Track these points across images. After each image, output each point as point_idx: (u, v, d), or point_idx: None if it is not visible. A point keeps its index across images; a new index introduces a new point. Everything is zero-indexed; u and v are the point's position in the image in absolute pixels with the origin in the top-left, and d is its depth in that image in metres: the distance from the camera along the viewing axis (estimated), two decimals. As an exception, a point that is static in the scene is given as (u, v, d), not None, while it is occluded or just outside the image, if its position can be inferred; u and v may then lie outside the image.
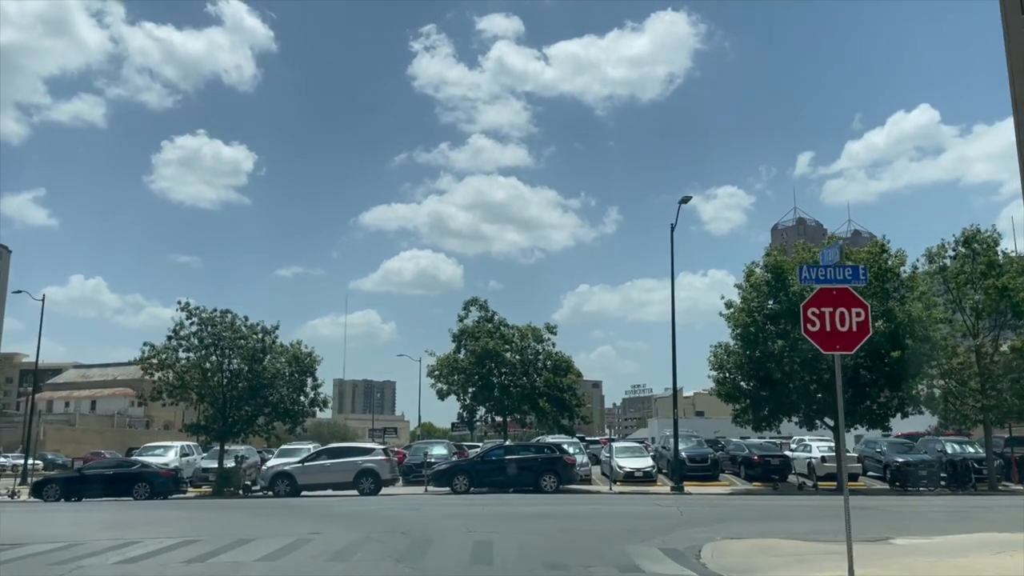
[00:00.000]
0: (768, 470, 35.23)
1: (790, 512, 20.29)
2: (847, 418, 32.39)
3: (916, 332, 30.52)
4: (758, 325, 31.81)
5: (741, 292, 33.08)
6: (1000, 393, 32.63)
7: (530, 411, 39.68)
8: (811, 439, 39.27)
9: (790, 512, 20.29)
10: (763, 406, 32.63)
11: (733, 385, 32.76)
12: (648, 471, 34.65)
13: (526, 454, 30.49)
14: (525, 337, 41.14)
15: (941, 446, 36.41)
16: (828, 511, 19.38)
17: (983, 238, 32.34)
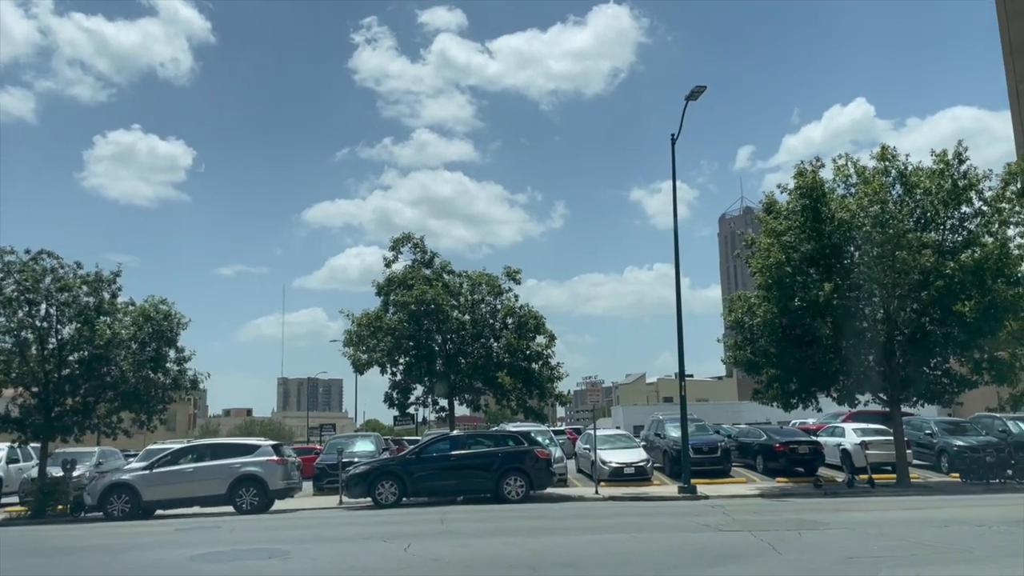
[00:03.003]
0: (794, 461, 27.08)
1: (947, 541, 11.68)
2: (907, 390, 24.30)
3: (1006, 271, 22.53)
4: (795, 265, 23.48)
5: (765, 225, 24.73)
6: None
7: (486, 389, 29.85)
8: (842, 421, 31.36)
9: (947, 541, 11.68)
10: (792, 377, 24.39)
11: (756, 350, 24.38)
12: (642, 466, 26.21)
13: (482, 447, 21.68)
14: (478, 288, 30.37)
15: (1003, 425, 28.74)
16: (982, 530, 10.99)
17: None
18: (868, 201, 23.04)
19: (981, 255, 21.93)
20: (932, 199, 23.10)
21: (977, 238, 22.63)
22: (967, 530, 11.79)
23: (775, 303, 23.29)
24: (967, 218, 23.02)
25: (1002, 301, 22.24)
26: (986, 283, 22.19)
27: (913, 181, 23.40)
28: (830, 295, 22.34)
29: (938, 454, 27.69)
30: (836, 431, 29.49)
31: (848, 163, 24.52)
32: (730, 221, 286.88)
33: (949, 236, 23.33)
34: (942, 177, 23.19)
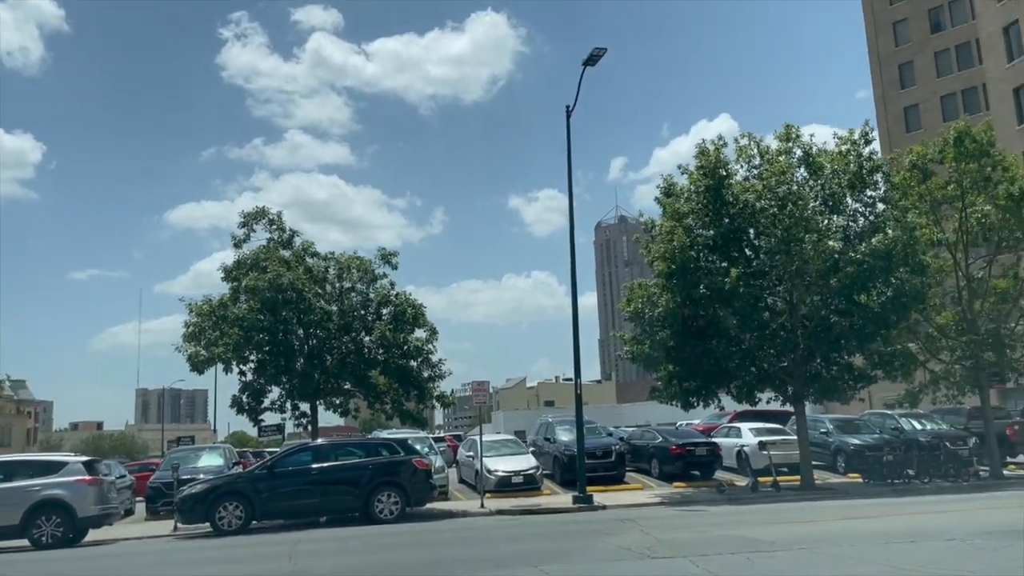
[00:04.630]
0: (691, 464, 25.17)
1: (932, 561, 9.42)
2: (811, 386, 22.83)
3: (910, 260, 21.40)
4: (699, 250, 21.57)
5: (666, 208, 22.71)
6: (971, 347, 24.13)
7: (356, 390, 25.74)
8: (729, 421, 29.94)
9: (932, 561, 9.42)
10: (693, 373, 22.47)
11: (655, 343, 22.28)
12: (531, 474, 23.60)
13: (349, 458, 18.39)
14: (347, 273, 25.88)
15: (895, 423, 28.00)
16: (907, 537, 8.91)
17: (979, 134, 23.76)
18: (775, 181, 21.41)
19: (889, 241, 20.64)
20: (839, 181, 21.72)
21: (884, 223, 21.39)
22: (942, 546, 9.75)
23: (678, 291, 21.26)
24: (874, 202, 21.75)
25: (909, 290, 21.10)
26: (893, 271, 20.98)
27: (818, 162, 21.98)
28: (736, 282, 20.50)
29: (834, 454, 26.52)
30: (732, 432, 27.94)
31: (751, 143, 22.88)
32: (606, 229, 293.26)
33: (856, 221, 22.01)
34: (847, 159, 21.87)
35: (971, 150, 23.44)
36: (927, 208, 23.52)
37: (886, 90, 62.49)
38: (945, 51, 61.02)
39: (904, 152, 24.29)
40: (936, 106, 59.86)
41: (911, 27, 62.91)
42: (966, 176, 23.61)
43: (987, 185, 23.36)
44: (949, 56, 60.73)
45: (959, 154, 23.56)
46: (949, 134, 23.98)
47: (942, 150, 23.97)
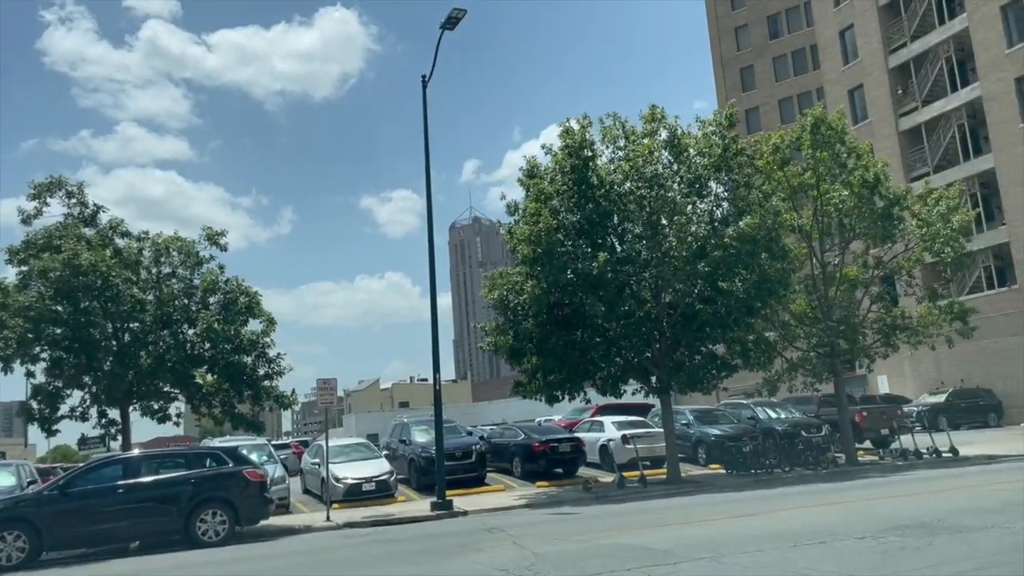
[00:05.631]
0: (554, 462, 23.88)
1: (856, 565, 8.20)
2: (676, 376, 22.01)
3: (772, 247, 21.03)
4: (566, 233, 20.23)
5: (529, 189, 21.22)
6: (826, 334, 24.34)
7: (178, 392, 22.22)
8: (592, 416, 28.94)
9: (856, 565, 8.20)
10: (559, 365, 21.12)
11: (519, 333, 20.74)
12: (384, 480, 21.42)
13: (166, 472, 15.53)
14: (166, 256, 22.19)
15: (751, 412, 28.00)
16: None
17: (834, 121, 23.86)
18: (642, 161, 20.40)
19: (756, 224, 20.11)
20: (704, 163, 21.01)
21: (749, 207, 20.87)
22: (858, 546, 8.62)
23: (544, 278, 19.80)
24: (738, 186, 21.19)
25: (774, 275, 20.68)
26: (757, 256, 20.49)
27: (684, 144, 21.20)
28: (604, 267, 19.28)
29: (695, 445, 26.05)
30: (595, 426, 26.90)
31: (616, 123, 21.80)
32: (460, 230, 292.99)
33: (721, 206, 21.38)
34: (711, 141, 21.21)
35: (827, 137, 23.50)
36: (786, 195, 23.36)
37: (729, 93, 64.60)
38: (783, 56, 63.83)
39: (764, 137, 24.08)
40: (775, 109, 62.46)
41: (752, 33, 65.41)
42: (821, 163, 23.66)
43: (842, 172, 23.49)
44: (786, 61, 63.58)
45: (815, 141, 23.57)
46: (806, 121, 23.97)
47: (799, 137, 23.93)
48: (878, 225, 23.25)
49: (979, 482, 15.07)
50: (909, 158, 40.90)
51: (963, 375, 37.45)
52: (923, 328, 24.37)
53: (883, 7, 43.10)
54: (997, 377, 36.69)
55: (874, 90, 43.12)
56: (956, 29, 38.77)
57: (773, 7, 64.80)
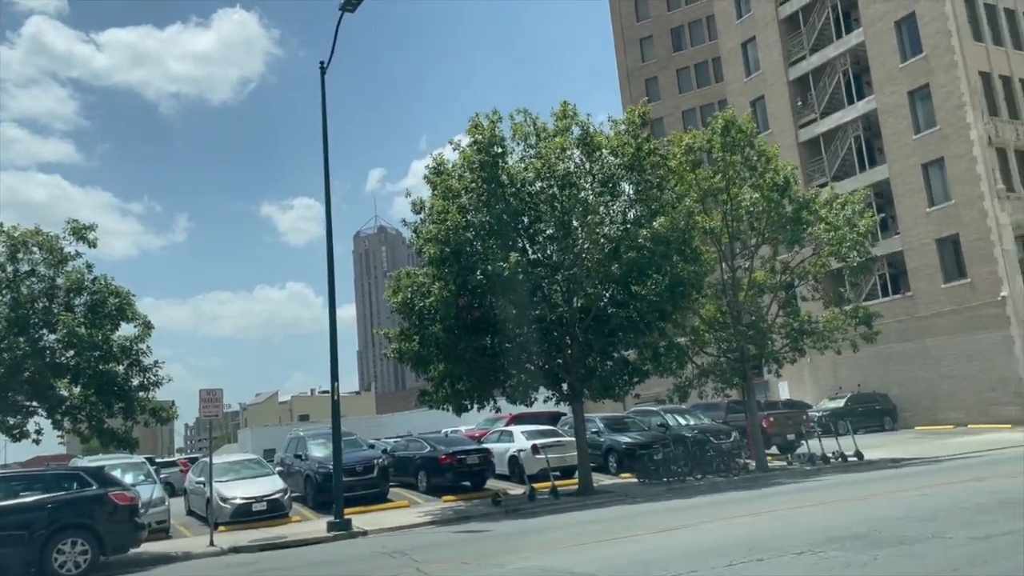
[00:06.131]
0: (462, 474, 22.74)
1: None
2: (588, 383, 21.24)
3: (685, 249, 20.56)
4: (476, 232, 19.19)
5: (436, 187, 20.09)
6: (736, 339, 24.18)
7: (36, 406, 19.68)
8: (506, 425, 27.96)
9: None
10: (467, 372, 20.03)
11: (426, 339, 19.50)
12: (276, 499, 19.79)
13: (18, 496, 13.53)
14: (23, 252, 19.61)
15: (660, 419, 27.60)
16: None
17: (744, 124, 23.71)
18: (554, 159, 19.57)
19: (670, 225, 19.56)
20: (617, 163, 20.37)
21: (662, 208, 20.33)
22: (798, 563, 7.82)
23: (452, 279, 18.66)
24: (651, 187, 20.62)
25: (687, 277, 20.19)
26: (671, 258, 19.95)
27: (596, 142, 20.51)
28: (515, 268, 18.30)
29: (606, 453, 25.37)
30: (504, 436, 25.87)
31: (527, 120, 20.92)
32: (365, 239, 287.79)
33: (634, 207, 20.77)
34: (625, 140, 20.59)
35: (737, 140, 23.31)
36: (697, 197, 23.01)
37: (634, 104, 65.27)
38: (686, 69, 64.84)
39: (676, 138, 23.72)
40: (678, 120, 63.27)
41: (656, 44, 66.23)
42: (731, 167, 23.46)
43: (752, 175, 23.35)
44: (689, 74, 64.60)
45: (725, 144, 23.34)
46: (716, 124, 23.73)
47: (710, 140, 23.67)
48: (787, 229, 23.19)
49: (897, 487, 14.78)
50: (808, 168, 41.82)
51: (860, 380, 38.35)
52: (829, 333, 24.46)
53: (783, 20, 44.10)
54: (891, 382, 37.73)
55: (775, 101, 44.00)
56: (853, 43, 39.93)
57: (677, 20, 65.83)
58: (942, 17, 35.20)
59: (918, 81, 36.53)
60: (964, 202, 34.57)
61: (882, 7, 38.17)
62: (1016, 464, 17.79)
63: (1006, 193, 33.99)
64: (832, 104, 41.53)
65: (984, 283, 33.87)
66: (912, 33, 36.78)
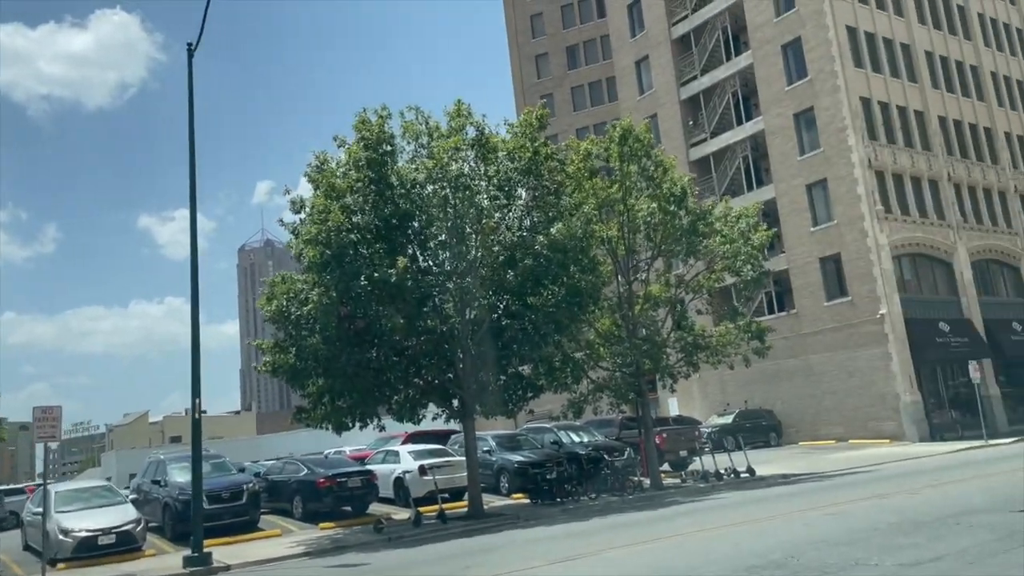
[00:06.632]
0: (342, 499, 21.05)
1: None
2: (480, 399, 20.06)
3: (582, 258, 19.73)
4: (361, 234, 17.73)
5: (319, 185, 18.51)
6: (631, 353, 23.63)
7: None
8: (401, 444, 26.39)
9: None
10: (349, 388, 18.48)
11: (304, 351, 17.80)
12: (127, 531, 17.53)
13: None
14: None
15: (554, 436, 26.69)
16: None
17: (641, 134, 23.25)
18: (447, 159, 18.36)
19: (569, 232, 18.66)
20: (514, 166, 19.36)
21: (560, 214, 19.45)
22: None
23: (334, 285, 17.07)
24: (549, 192, 19.70)
25: (585, 287, 19.33)
26: (568, 267, 19.05)
27: (493, 143, 19.47)
28: (403, 274, 16.93)
29: (497, 473, 24.20)
30: (389, 457, 24.29)
31: (419, 117, 19.64)
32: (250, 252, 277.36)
33: (531, 213, 19.79)
34: (521, 142, 19.61)
35: (634, 149, 22.81)
36: (595, 206, 22.31)
37: (530, 118, 65.11)
38: (580, 87, 65.22)
39: (575, 144, 23.00)
40: (573, 137, 63.52)
41: (551, 62, 66.38)
42: (628, 177, 22.94)
43: (649, 185, 22.88)
44: (584, 92, 65.01)
45: (622, 153, 22.80)
46: (614, 133, 23.16)
47: (607, 148, 23.07)
48: (683, 241, 22.81)
49: (801, 506, 14.22)
50: (699, 187, 42.23)
51: (747, 396, 38.81)
52: (722, 347, 24.21)
53: (676, 41, 44.69)
54: (776, 398, 38.36)
55: (667, 120, 44.43)
56: (742, 65, 40.77)
57: (572, 38, 66.24)
58: (826, 43, 36.31)
59: (803, 104, 37.53)
60: (845, 222, 35.58)
61: (770, 31, 39.13)
62: (908, 480, 17.74)
63: (884, 214, 35.19)
64: (722, 124, 42.24)
65: (864, 301, 34.86)
66: (798, 57, 37.80)
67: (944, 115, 39.72)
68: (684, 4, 44.34)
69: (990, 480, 15.88)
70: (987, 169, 40.75)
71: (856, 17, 37.49)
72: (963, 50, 42.07)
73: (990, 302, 38.84)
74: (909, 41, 39.55)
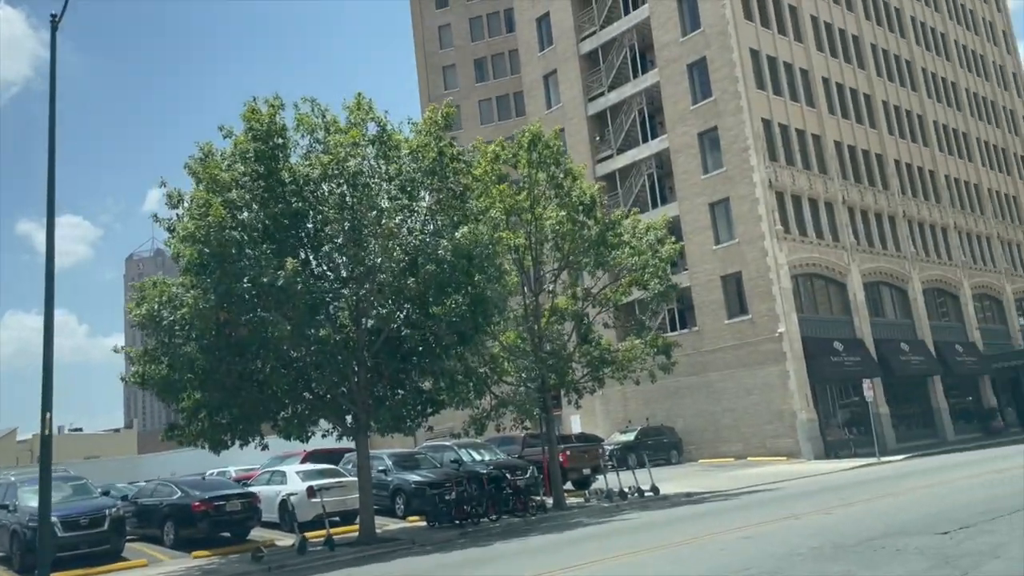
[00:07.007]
0: (220, 524, 19.24)
1: None
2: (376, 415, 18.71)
3: (487, 265, 18.68)
4: (246, 232, 16.17)
5: (200, 177, 16.83)
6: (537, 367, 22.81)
7: None
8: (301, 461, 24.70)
9: None
10: (229, 403, 16.84)
11: (177, 361, 16.05)
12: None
13: None
14: None
15: (454, 455, 25.50)
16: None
17: (551, 140, 22.51)
18: (345, 154, 17.05)
19: (475, 236, 17.60)
20: (418, 166, 18.20)
21: (466, 217, 18.39)
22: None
23: (213, 288, 15.44)
24: (455, 195, 18.62)
25: (492, 296, 18.28)
26: (474, 274, 17.96)
27: (395, 140, 18.28)
28: (292, 277, 15.47)
29: (393, 494, 22.90)
30: (275, 477, 22.54)
31: (315, 110, 18.25)
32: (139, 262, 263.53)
33: (435, 216, 18.64)
34: (426, 140, 18.49)
35: (544, 156, 22.04)
36: (502, 213, 21.38)
37: (436, 129, 64.01)
38: (488, 100, 64.71)
39: (482, 146, 22.04)
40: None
41: (459, 73, 65.64)
42: (537, 185, 22.14)
43: (558, 193, 22.14)
44: (491, 105, 64.51)
45: (531, 160, 22.00)
46: (523, 138, 22.35)
47: (516, 154, 22.22)
48: (591, 252, 22.13)
49: (713, 527, 13.51)
50: (607, 203, 42.13)
51: (649, 413, 38.64)
52: (628, 362, 23.64)
53: (584, 56, 44.62)
54: (677, 415, 38.33)
55: (574, 135, 44.18)
56: (648, 83, 40.95)
57: (480, 51, 65.73)
58: (730, 64, 36.80)
59: (707, 123, 37.89)
60: (747, 241, 35.97)
61: (676, 50, 39.44)
62: (816, 499, 17.43)
63: (784, 234, 35.76)
64: (628, 141, 42.30)
65: (763, 320, 35.24)
66: (703, 77, 38.19)
67: (840, 140, 40.95)
68: (592, 20, 44.36)
69: (899, 499, 15.68)
70: (878, 194, 42.23)
71: (759, 40, 38.22)
72: (857, 78, 43.62)
73: (880, 322, 40.07)
74: (808, 67, 40.64)
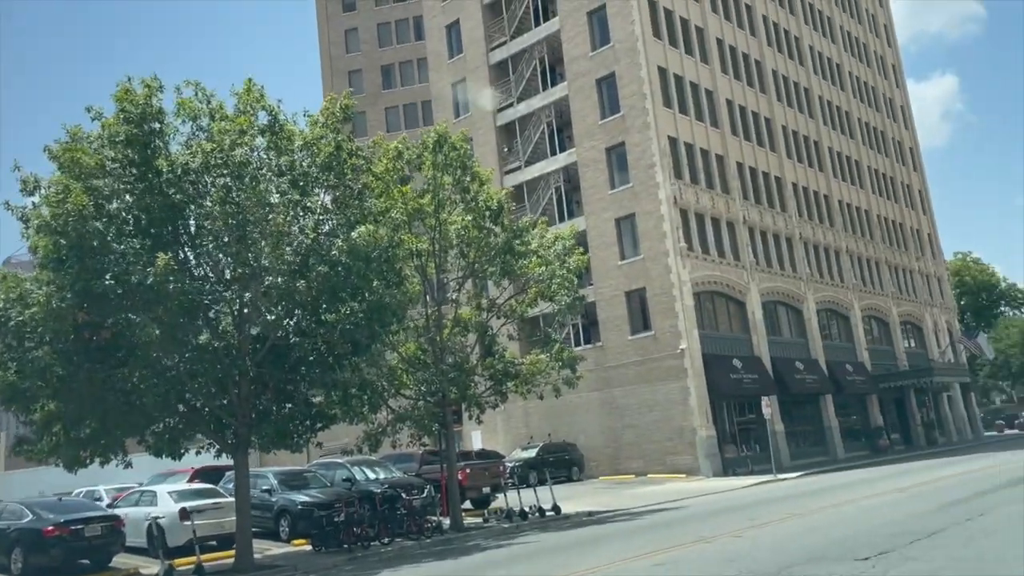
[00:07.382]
0: (76, 551, 17.22)
1: None
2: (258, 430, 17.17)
3: (386, 270, 17.47)
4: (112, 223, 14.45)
5: (62, 162, 14.99)
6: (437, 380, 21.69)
7: None
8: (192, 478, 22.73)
9: None
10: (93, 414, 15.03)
11: (28, 366, 14.16)
12: None
13: None
14: None
15: (346, 473, 24.03)
16: None
17: (458, 142, 21.55)
18: (231, 142, 15.55)
19: (373, 237, 16.36)
20: (312, 160, 16.86)
21: (364, 218, 17.13)
22: None
23: (71, 284, 13.66)
24: (352, 193, 17.34)
25: (390, 302, 17.07)
26: (370, 279, 16.71)
27: (288, 130, 16.90)
28: (164, 274, 13.85)
29: (278, 516, 21.28)
30: (145, 498, 20.53)
31: (199, 94, 16.65)
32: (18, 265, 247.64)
33: (330, 215, 17.31)
34: (323, 134, 17.18)
35: (450, 159, 21.03)
36: (403, 217, 20.21)
37: (340, 134, 62.12)
38: (395, 108, 63.45)
39: (380, 141, 20.82)
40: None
41: (365, 79, 64.06)
42: (442, 188, 21.11)
43: (464, 198, 21.16)
44: (398, 113, 63.27)
45: (437, 162, 20.96)
46: (428, 138, 21.29)
47: (420, 155, 21.12)
48: (497, 261, 21.22)
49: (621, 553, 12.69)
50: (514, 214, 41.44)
51: (550, 429, 37.97)
52: (532, 376, 22.81)
53: (493, 66, 43.99)
54: (579, 432, 37.82)
55: (482, 146, 43.34)
56: (557, 96, 40.62)
57: (388, 58, 64.43)
58: (639, 80, 36.83)
59: (615, 139, 37.78)
60: (651, 257, 35.92)
61: (585, 64, 39.27)
62: (723, 519, 16.93)
63: (687, 252, 35.89)
64: (536, 153, 41.83)
65: (666, 336, 35.17)
66: (611, 93, 38.11)
67: (742, 161, 41.65)
68: (503, 30, 43.81)
69: (809, 519, 15.33)
70: (777, 216, 43.16)
71: (667, 59, 38.47)
72: (759, 102, 44.60)
73: (776, 341, 40.79)
74: (713, 88, 41.23)
